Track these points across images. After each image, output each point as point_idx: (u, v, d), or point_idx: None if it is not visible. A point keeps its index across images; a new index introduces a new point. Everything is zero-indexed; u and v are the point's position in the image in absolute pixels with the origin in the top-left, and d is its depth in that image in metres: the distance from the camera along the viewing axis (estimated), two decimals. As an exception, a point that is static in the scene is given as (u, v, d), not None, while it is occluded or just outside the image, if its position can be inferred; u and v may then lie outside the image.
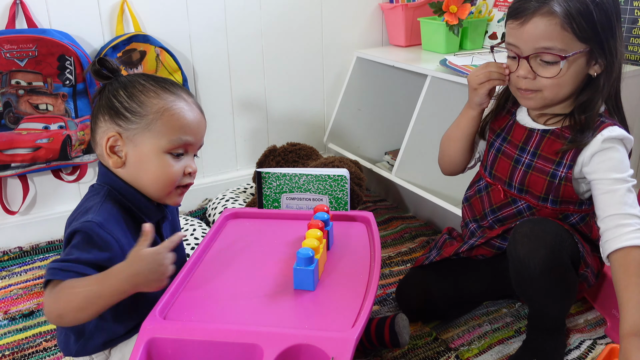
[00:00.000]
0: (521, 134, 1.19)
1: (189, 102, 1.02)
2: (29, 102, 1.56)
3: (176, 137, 0.98)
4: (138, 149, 0.97)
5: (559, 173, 1.13)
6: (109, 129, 0.98)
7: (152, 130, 0.97)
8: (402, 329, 1.17)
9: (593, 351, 1.23)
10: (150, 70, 1.70)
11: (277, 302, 0.95)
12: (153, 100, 0.98)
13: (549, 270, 1.06)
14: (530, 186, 1.17)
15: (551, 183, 1.14)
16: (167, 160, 0.99)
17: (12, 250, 1.69)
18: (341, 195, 1.26)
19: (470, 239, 1.26)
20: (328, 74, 2.11)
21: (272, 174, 1.28)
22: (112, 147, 0.98)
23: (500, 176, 1.22)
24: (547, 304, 1.14)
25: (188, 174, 1.02)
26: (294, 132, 2.09)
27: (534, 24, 1.05)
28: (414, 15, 2.04)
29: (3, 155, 1.57)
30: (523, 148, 1.18)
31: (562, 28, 1.04)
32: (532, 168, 1.17)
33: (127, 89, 0.98)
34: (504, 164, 1.21)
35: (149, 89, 0.99)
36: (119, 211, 0.97)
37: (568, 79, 1.08)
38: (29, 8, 1.58)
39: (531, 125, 1.18)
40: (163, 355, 0.87)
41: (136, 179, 0.99)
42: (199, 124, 1.03)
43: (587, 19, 1.04)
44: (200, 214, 1.90)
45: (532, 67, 1.08)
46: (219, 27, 1.86)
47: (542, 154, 1.15)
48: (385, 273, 1.55)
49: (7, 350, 1.29)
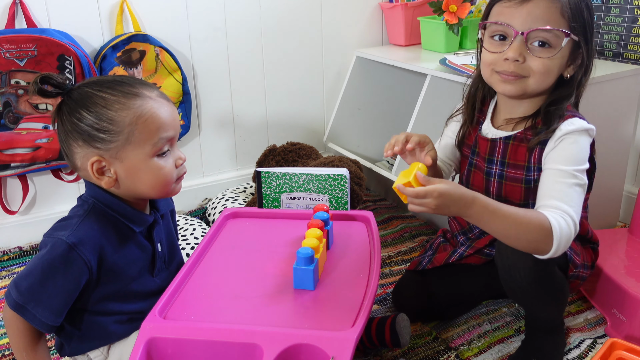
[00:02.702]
0: (485, 145, 1.16)
1: (154, 97, 0.97)
2: (28, 101, 1.56)
3: (157, 139, 0.96)
4: (125, 164, 0.95)
5: (532, 178, 1.10)
6: (88, 154, 0.95)
7: (132, 142, 0.94)
8: (403, 329, 1.17)
9: (593, 350, 1.23)
10: (149, 70, 1.70)
11: (277, 301, 0.95)
12: (121, 113, 0.93)
13: (536, 279, 1.05)
14: (508, 195, 1.14)
15: (527, 189, 1.11)
16: (157, 163, 0.97)
17: (12, 250, 1.69)
18: (341, 194, 1.26)
19: (459, 247, 1.25)
20: (328, 74, 2.11)
21: (272, 174, 1.28)
22: (99, 169, 0.96)
23: (477, 189, 1.15)
24: (539, 308, 1.15)
25: (180, 165, 1.02)
26: (293, 131, 2.09)
27: (535, 4, 1.03)
28: (414, 14, 2.03)
29: (3, 155, 1.57)
30: (490, 160, 1.16)
31: (561, 14, 1.03)
32: (504, 178, 1.14)
33: (89, 108, 0.93)
34: (478, 177, 1.19)
35: (112, 102, 0.94)
36: (104, 223, 0.97)
37: (555, 68, 1.06)
38: (28, 8, 1.58)
39: (493, 135, 1.15)
40: (163, 355, 0.87)
41: (133, 191, 0.98)
42: (172, 114, 0.99)
43: (579, 13, 1.04)
44: (200, 214, 1.90)
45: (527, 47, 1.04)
46: (219, 27, 1.86)
47: (510, 161, 1.13)
48: (385, 272, 1.55)
49: (7, 350, 1.29)
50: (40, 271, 0.92)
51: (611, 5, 1.69)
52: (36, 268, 0.92)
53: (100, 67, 1.64)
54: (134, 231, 1.00)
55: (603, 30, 1.73)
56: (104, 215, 0.98)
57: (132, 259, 1.00)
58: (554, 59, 1.05)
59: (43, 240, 0.95)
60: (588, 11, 1.07)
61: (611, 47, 1.72)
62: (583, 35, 1.06)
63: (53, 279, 0.92)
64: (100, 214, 0.98)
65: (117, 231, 0.98)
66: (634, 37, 1.65)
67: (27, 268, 0.93)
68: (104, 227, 0.97)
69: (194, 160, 1.95)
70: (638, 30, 1.64)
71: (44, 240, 0.95)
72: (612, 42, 1.71)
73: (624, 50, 1.68)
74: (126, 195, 1.00)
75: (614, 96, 1.55)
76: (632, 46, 1.66)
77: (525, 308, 1.19)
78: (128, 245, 1.00)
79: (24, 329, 0.94)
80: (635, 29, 1.65)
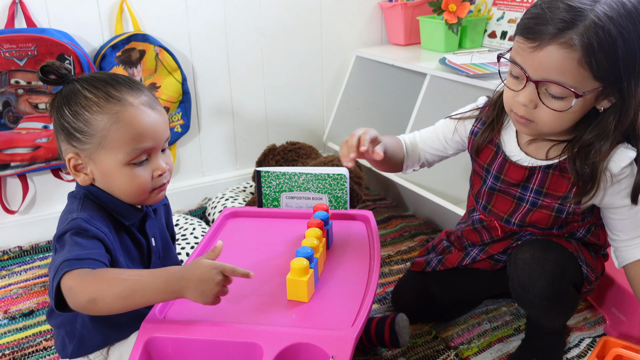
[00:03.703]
0: (521, 174, 1.07)
1: (137, 105, 0.93)
2: (28, 101, 1.56)
3: (131, 149, 0.92)
4: (99, 166, 0.94)
5: (566, 208, 1.05)
6: (67, 150, 0.95)
7: (105, 147, 0.92)
8: (402, 329, 1.17)
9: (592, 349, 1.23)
10: (149, 70, 1.70)
11: (277, 301, 0.95)
12: (97, 116, 0.91)
13: (549, 297, 1.04)
14: (533, 221, 1.09)
15: (557, 217, 1.06)
16: (131, 171, 0.94)
17: (12, 250, 1.69)
18: (341, 194, 1.26)
19: (472, 250, 1.22)
20: (327, 73, 2.11)
21: (272, 173, 1.28)
22: (75, 166, 0.95)
23: (498, 212, 1.13)
24: (546, 320, 1.15)
25: (158, 176, 0.96)
26: (293, 131, 2.09)
27: (548, 53, 0.90)
28: (413, 14, 2.03)
29: (2, 155, 1.57)
30: (525, 186, 1.08)
31: (579, 64, 0.90)
32: (537, 206, 1.07)
33: (71, 106, 0.93)
34: (503, 201, 1.12)
35: (91, 103, 0.92)
36: (99, 212, 0.97)
37: (570, 117, 0.97)
38: (28, 7, 1.58)
39: (530, 163, 1.07)
40: (163, 354, 0.87)
41: (109, 190, 0.98)
42: (154, 124, 0.94)
43: (609, 56, 0.89)
44: (200, 213, 1.90)
45: (534, 97, 0.96)
46: (219, 26, 1.86)
47: (549, 192, 1.06)
48: (385, 272, 1.55)
49: (7, 349, 1.29)
50: (70, 240, 0.89)
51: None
52: (65, 243, 0.90)
53: (100, 66, 1.64)
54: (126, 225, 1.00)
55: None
56: (97, 207, 0.97)
57: (127, 251, 0.99)
58: (566, 112, 0.95)
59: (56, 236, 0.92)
60: (627, 47, 0.89)
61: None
62: (613, 78, 0.92)
63: (84, 240, 0.89)
64: (94, 205, 0.97)
65: (111, 222, 0.98)
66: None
67: (56, 252, 0.90)
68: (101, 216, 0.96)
69: (193, 160, 1.95)
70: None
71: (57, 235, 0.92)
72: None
73: None
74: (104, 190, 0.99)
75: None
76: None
77: (532, 316, 1.18)
78: (123, 237, 0.99)
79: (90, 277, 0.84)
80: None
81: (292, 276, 0.94)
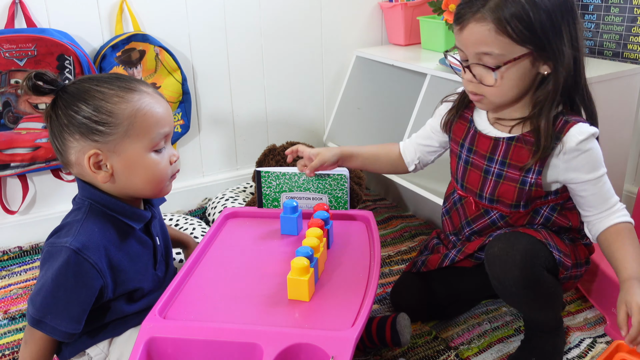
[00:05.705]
0: (487, 144, 1.15)
1: (151, 94, 0.99)
2: (28, 101, 1.56)
3: (155, 134, 0.97)
4: (123, 157, 0.96)
5: (529, 179, 1.11)
6: (85, 148, 0.95)
7: (131, 136, 0.95)
8: (404, 328, 1.17)
9: (593, 349, 1.23)
10: (149, 70, 1.70)
11: (277, 301, 0.95)
12: (121, 105, 0.94)
13: (525, 286, 1.06)
14: (500, 196, 1.15)
15: (521, 190, 1.12)
16: (153, 158, 0.98)
17: (12, 250, 1.69)
18: (341, 194, 1.26)
19: (451, 251, 1.25)
20: (327, 73, 2.11)
21: (272, 173, 1.28)
22: (95, 163, 0.96)
23: (471, 188, 1.19)
24: (534, 312, 1.16)
25: (174, 162, 1.02)
26: (293, 131, 2.09)
27: (469, 30, 1.04)
28: (414, 14, 2.03)
29: (2, 155, 1.57)
30: (491, 158, 1.15)
31: (497, 33, 1.01)
32: (503, 177, 1.14)
33: (87, 101, 0.94)
34: (474, 175, 1.19)
35: (110, 95, 0.95)
36: (103, 223, 0.97)
37: (511, 83, 1.06)
38: (28, 7, 1.58)
39: (495, 134, 1.15)
40: (163, 354, 0.87)
41: (128, 186, 0.98)
42: (168, 111, 1.00)
43: (522, 21, 1.00)
44: (200, 214, 1.90)
45: (476, 72, 1.07)
46: (219, 26, 1.86)
47: (512, 162, 1.12)
48: (385, 272, 1.55)
49: (7, 349, 1.29)
50: (51, 283, 0.91)
51: (610, 4, 1.69)
52: (47, 281, 0.91)
53: (100, 66, 1.64)
54: (134, 228, 1.00)
55: (602, 30, 1.73)
56: (102, 215, 0.98)
57: (135, 256, 1.00)
58: (499, 83, 1.05)
59: (47, 250, 0.94)
60: (539, 11, 1.00)
61: (611, 46, 1.72)
62: (536, 41, 1.02)
63: (65, 287, 0.91)
64: (99, 214, 0.98)
65: (117, 229, 0.98)
66: (634, 36, 1.65)
67: (38, 283, 0.93)
68: (105, 227, 0.97)
69: (193, 160, 1.95)
70: (637, 29, 1.64)
71: (47, 251, 0.94)
72: (611, 41, 1.71)
73: (624, 50, 1.68)
74: (120, 193, 1.00)
75: (613, 95, 1.55)
76: (631, 45, 1.66)
77: (520, 311, 1.20)
78: (129, 242, 1.00)
79: (44, 344, 0.94)
80: (634, 28, 1.65)
81: (293, 275, 0.94)
